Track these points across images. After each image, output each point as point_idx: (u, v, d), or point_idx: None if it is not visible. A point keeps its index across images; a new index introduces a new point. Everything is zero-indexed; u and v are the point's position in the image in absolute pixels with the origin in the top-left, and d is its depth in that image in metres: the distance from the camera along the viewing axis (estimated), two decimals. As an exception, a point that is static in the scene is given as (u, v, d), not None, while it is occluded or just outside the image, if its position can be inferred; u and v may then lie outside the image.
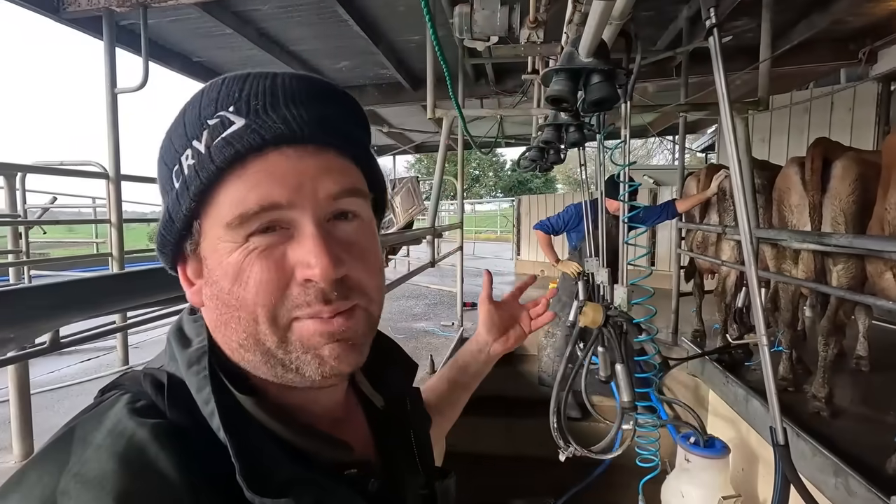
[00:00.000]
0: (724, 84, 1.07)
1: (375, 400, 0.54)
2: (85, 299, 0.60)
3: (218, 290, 0.40)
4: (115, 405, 0.38)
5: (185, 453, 0.35)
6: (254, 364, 0.41)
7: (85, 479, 0.32)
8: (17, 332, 0.57)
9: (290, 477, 0.38)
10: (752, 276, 1.00)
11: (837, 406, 2.37)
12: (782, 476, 0.96)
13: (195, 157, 0.38)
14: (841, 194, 2.10)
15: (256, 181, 0.38)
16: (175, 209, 0.40)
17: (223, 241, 0.39)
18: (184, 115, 0.41)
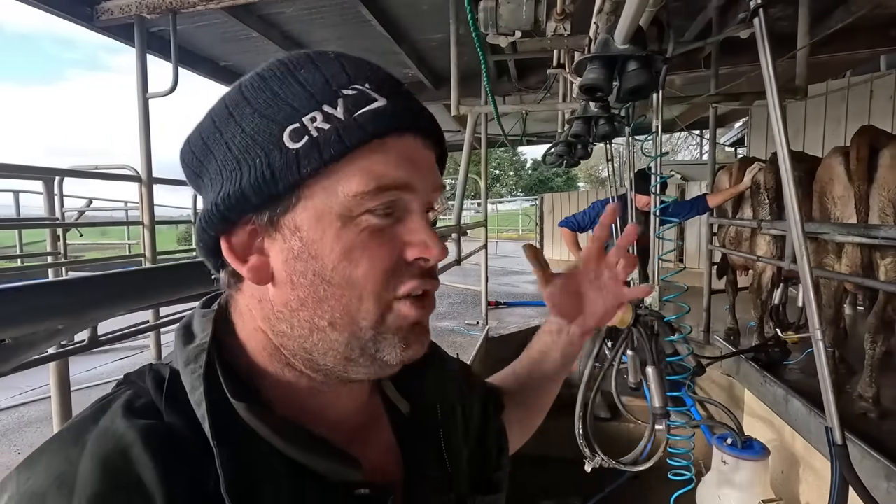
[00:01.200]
0: (772, 68, 1.02)
1: (401, 406, 0.51)
2: (133, 290, 0.60)
3: (318, 266, 0.38)
4: (116, 402, 0.37)
5: (170, 459, 0.33)
6: (332, 345, 0.39)
7: (63, 479, 0.31)
8: (67, 322, 0.56)
9: (282, 497, 0.36)
10: (805, 271, 0.95)
11: (885, 407, 2.26)
12: (840, 478, 0.90)
13: (331, 121, 0.37)
14: (890, 184, 1.99)
15: (395, 161, 0.38)
16: (289, 167, 0.36)
17: (332, 215, 0.37)
18: (293, 75, 0.39)
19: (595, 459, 2.18)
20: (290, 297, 0.39)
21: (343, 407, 0.45)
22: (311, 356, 0.40)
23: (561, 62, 2.96)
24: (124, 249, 7.75)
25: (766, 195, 2.87)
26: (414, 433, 0.50)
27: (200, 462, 0.34)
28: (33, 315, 0.50)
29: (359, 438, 0.45)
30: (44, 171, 3.44)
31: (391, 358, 0.40)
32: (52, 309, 0.53)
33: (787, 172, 0.98)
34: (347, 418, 0.45)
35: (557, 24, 2.29)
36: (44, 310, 0.52)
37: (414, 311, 0.40)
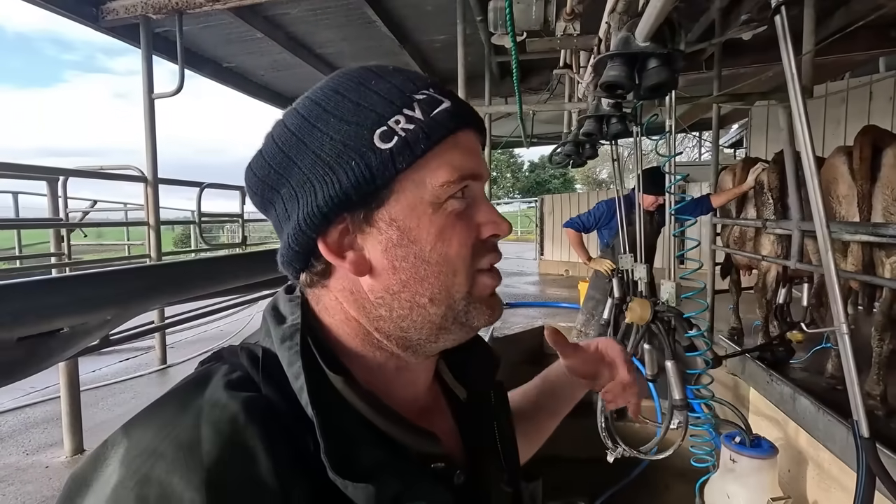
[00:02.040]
0: (795, 66, 1.04)
1: (458, 391, 0.54)
2: (177, 281, 0.60)
3: (418, 250, 0.42)
4: (214, 376, 0.40)
5: (273, 428, 0.36)
6: (430, 318, 0.44)
7: (178, 442, 0.34)
8: (117, 311, 0.57)
9: (374, 462, 0.38)
10: (829, 269, 0.96)
11: (893, 404, 2.27)
12: (866, 470, 0.91)
13: (413, 122, 0.41)
14: (893, 183, 2.01)
15: (466, 153, 0.44)
16: (381, 169, 0.41)
17: (424, 204, 0.42)
18: (367, 87, 0.43)
19: (617, 450, 2.20)
20: (392, 282, 0.43)
21: (418, 386, 0.49)
22: (407, 334, 0.44)
23: (567, 62, 2.97)
24: (123, 251, 7.74)
25: (770, 195, 2.88)
26: (471, 418, 0.53)
27: (296, 430, 0.37)
28: (89, 304, 0.51)
29: (424, 420, 0.47)
30: (48, 171, 3.43)
31: (479, 322, 0.46)
32: (105, 299, 0.53)
33: (811, 173, 0.99)
34: (417, 399, 0.49)
35: (567, 24, 2.30)
36: (97, 299, 0.52)
37: (492, 281, 0.46)
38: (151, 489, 0.31)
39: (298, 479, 0.35)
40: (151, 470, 0.32)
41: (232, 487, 0.33)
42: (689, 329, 2.11)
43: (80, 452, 2.21)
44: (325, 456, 0.35)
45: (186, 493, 0.31)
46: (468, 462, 0.50)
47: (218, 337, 4.44)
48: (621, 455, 2.22)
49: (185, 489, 0.31)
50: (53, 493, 1.92)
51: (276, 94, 5.85)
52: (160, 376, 3.41)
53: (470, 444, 0.52)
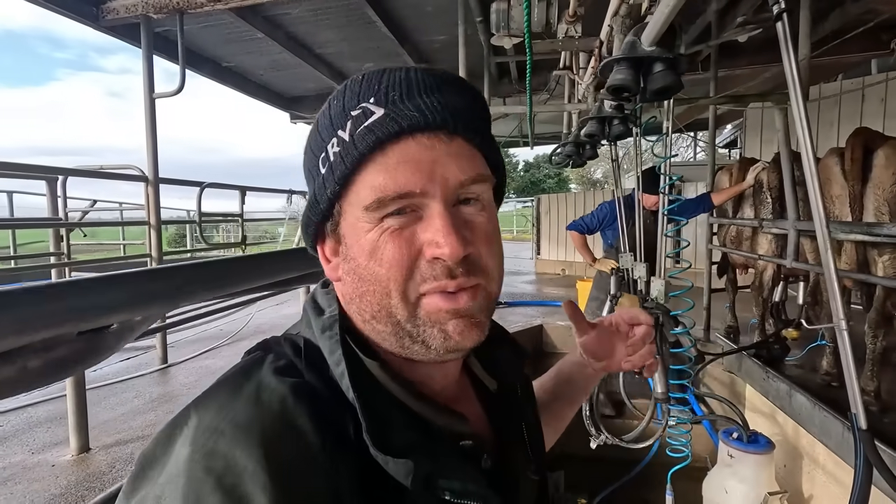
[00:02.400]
0: (796, 69, 1.07)
1: (488, 383, 0.56)
2: (210, 280, 0.63)
3: (355, 266, 0.43)
4: (263, 363, 0.43)
5: (317, 409, 0.39)
6: (383, 335, 0.44)
7: (236, 422, 0.36)
8: (163, 308, 0.59)
9: (410, 441, 0.40)
10: (829, 267, 1.00)
11: (886, 400, 2.32)
12: (864, 461, 0.95)
13: (340, 144, 0.42)
14: (885, 183, 2.06)
15: (394, 169, 0.41)
16: (320, 192, 0.44)
17: (361, 222, 0.42)
18: (329, 109, 0.45)
19: (599, 437, 2.25)
20: (346, 293, 0.46)
21: (438, 380, 0.50)
22: (378, 340, 0.45)
23: (567, 64, 3.01)
24: (119, 250, 7.69)
25: (769, 194, 2.93)
26: (501, 408, 0.55)
27: (339, 413, 0.40)
28: (137, 301, 0.53)
29: (454, 406, 0.49)
30: (47, 170, 3.42)
31: (437, 346, 0.43)
32: (153, 295, 0.55)
33: (812, 173, 1.02)
34: (444, 390, 0.50)
35: (568, 27, 2.34)
36: (147, 296, 0.54)
37: (445, 304, 0.42)
38: (217, 461, 0.34)
39: (342, 455, 0.38)
40: (216, 445, 0.35)
41: (287, 459, 0.35)
42: (675, 326, 2.16)
43: (86, 451, 2.21)
44: (367, 434, 0.38)
45: (249, 464, 0.34)
46: (496, 450, 0.51)
47: (217, 336, 4.44)
48: (604, 442, 2.29)
49: (247, 461, 0.34)
50: (62, 490, 1.93)
51: (274, 93, 5.86)
52: (161, 375, 3.41)
53: (498, 433, 0.53)
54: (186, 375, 3.39)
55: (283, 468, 0.34)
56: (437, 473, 0.40)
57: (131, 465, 1.97)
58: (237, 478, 0.33)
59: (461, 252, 0.41)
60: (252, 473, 0.33)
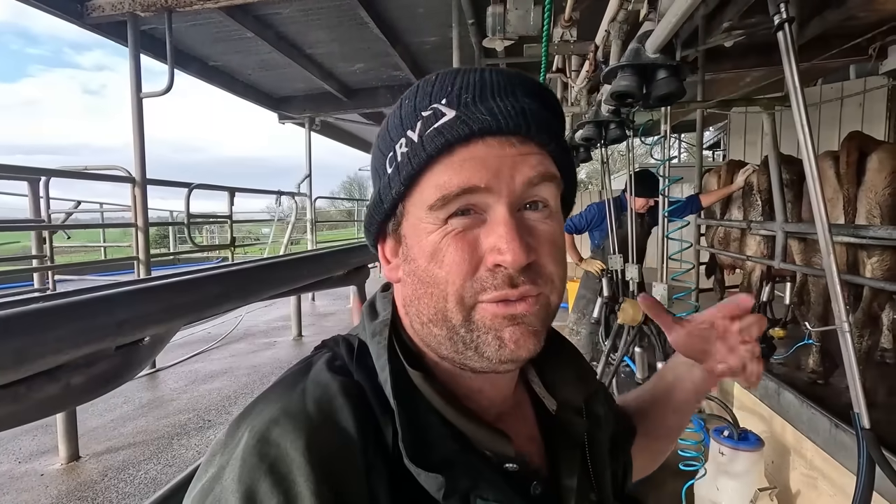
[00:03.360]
0: (798, 79, 1.10)
1: (547, 402, 0.53)
2: (245, 286, 0.62)
3: (415, 267, 0.43)
4: (319, 360, 0.45)
5: (362, 409, 0.40)
6: (440, 339, 0.43)
7: (288, 412, 0.38)
8: (190, 319, 0.59)
9: (448, 456, 0.40)
10: (831, 269, 1.03)
11: (871, 398, 2.38)
12: (867, 459, 0.98)
13: (409, 145, 0.41)
14: (877, 187, 2.12)
15: (459, 166, 0.40)
16: (385, 192, 0.44)
17: (424, 222, 0.41)
18: (400, 109, 0.45)
19: None
20: (405, 295, 0.46)
21: (487, 394, 0.48)
22: (432, 346, 0.45)
23: (560, 67, 3.03)
24: (99, 253, 7.52)
25: (759, 196, 3.00)
26: (559, 430, 0.51)
27: (381, 417, 0.41)
28: (169, 314, 0.52)
29: (503, 426, 0.47)
30: (29, 170, 3.34)
31: (491, 355, 0.41)
32: (184, 307, 0.55)
33: (814, 178, 1.05)
34: (492, 406, 0.48)
35: (564, 31, 2.36)
36: (178, 308, 0.53)
37: (502, 310, 0.40)
38: (271, 448, 0.36)
39: (379, 459, 0.39)
40: (269, 433, 0.37)
41: (326, 454, 0.37)
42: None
43: (76, 459, 2.16)
44: (402, 443, 0.38)
45: (295, 455, 0.36)
46: (551, 476, 0.49)
47: (206, 340, 4.37)
48: None
49: (294, 451, 0.36)
50: (52, 500, 1.88)
51: (262, 93, 5.78)
52: (149, 380, 3.35)
53: (556, 457, 0.50)
54: (175, 380, 3.33)
55: (323, 462, 0.36)
56: (474, 492, 0.39)
57: (124, 473, 1.93)
58: (287, 467, 0.35)
59: (524, 260, 0.39)
60: (298, 465, 0.35)
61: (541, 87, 0.46)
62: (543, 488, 0.45)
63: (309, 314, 5.94)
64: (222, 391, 3.16)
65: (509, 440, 0.44)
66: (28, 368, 0.37)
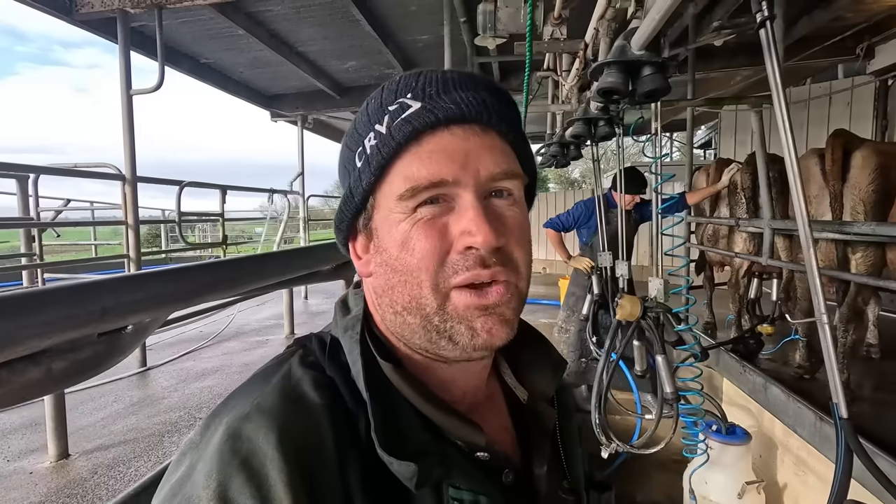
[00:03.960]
0: (779, 76, 1.12)
1: (519, 392, 0.54)
2: (224, 279, 0.63)
3: (387, 257, 0.44)
4: (293, 356, 0.46)
5: (335, 403, 0.41)
6: (413, 328, 0.44)
7: (260, 407, 0.39)
8: (173, 309, 0.59)
9: (420, 445, 0.41)
10: (811, 264, 1.05)
11: (856, 392, 2.43)
12: (845, 448, 1.00)
13: (377, 137, 0.43)
14: (861, 184, 2.15)
15: (427, 158, 0.41)
16: (356, 185, 0.45)
17: (394, 213, 0.43)
18: (367, 107, 0.47)
19: (611, 445, 2.28)
20: (377, 286, 0.46)
21: (460, 385, 0.49)
22: (405, 337, 0.46)
23: (551, 66, 3.05)
24: (90, 251, 7.46)
25: (743, 194, 3.03)
26: (530, 420, 0.53)
27: (353, 409, 0.42)
28: (161, 301, 0.53)
29: (475, 416, 0.48)
30: (18, 168, 3.31)
31: (464, 343, 0.42)
32: (170, 296, 0.55)
33: (795, 174, 1.07)
34: (465, 396, 0.50)
35: (554, 29, 2.37)
36: (164, 297, 0.54)
37: (473, 299, 0.41)
38: (243, 444, 0.37)
39: (352, 450, 0.40)
40: (241, 429, 0.38)
41: (299, 447, 0.37)
42: (676, 324, 2.21)
43: (65, 457, 2.15)
44: (375, 434, 0.39)
45: (268, 449, 0.36)
46: (523, 465, 0.50)
47: (198, 338, 4.36)
48: (615, 451, 2.30)
49: (267, 445, 0.37)
50: (41, 498, 1.87)
51: (255, 91, 5.76)
52: (140, 379, 3.33)
53: (526, 446, 0.51)
54: (167, 378, 3.32)
55: (297, 455, 0.37)
56: (447, 480, 0.40)
57: (114, 471, 1.93)
58: (260, 461, 0.36)
59: (494, 241, 0.40)
60: (272, 459, 0.36)
61: (500, 87, 0.49)
62: (515, 476, 0.47)
63: (301, 312, 5.93)
64: (214, 389, 3.16)
65: (481, 430, 0.45)
66: (10, 352, 0.38)
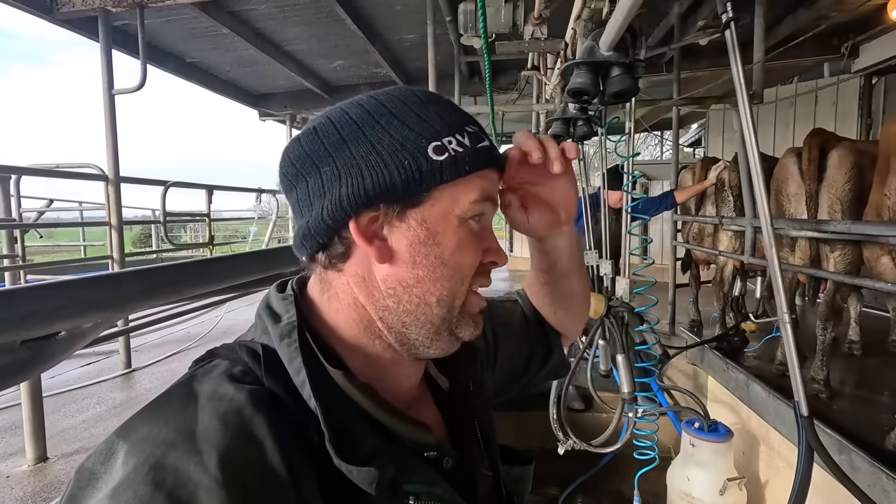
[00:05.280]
0: (742, 76, 1.12)
1: (441, 381, 0.58)
2: (167, 283, 0.62)
3: (439, 251, 0.46)
4: (214, 371, 0.42)
5: (279, 418, 0.39)
6: (432, 318, 0.47)
7: (188, 432, 0.36)
8: (108, 314, 0.59)
9: (373, 448, 0.41)
10: (773, 262, 1.05)
11: (835, 388, 2.45)
12: (806, 446, 1.01)
13: (462, 147, 0.46)
14: (837, 183, 2.17)
15: (492, 184, 0.51)
16: (434, 174, 0.45)
17: (456, 213, 0.47)
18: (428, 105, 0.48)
19: (567, 442, 2.29)
20: (408, 275, 0.46)
21: (406, 382, 0.52)
22: (407, 330, 0.47)
23: (535, 64, 3.05)
24: (79, 252, 7.40)
25: (730, 193, 3.05)
26: (453, 407, 0.57)
27: (300, 421, 0.40)
28: (89, 307, 0.53)
29: (413, 409, 0.51)
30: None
31: (465, 334, 0.50)
32: (99, 302, 0.55)
33: (756, 172, 1.08)
34: (407, 392, 0.52)
35: (535, 28, 2.38)
36: (96, 302, 0.54)
37: (479, 301, 0.51)
38: (167, 475, 0.33)
39: (305, 465, 0.38)
40: (164, 458, 0.34)
41: (245, 473, 0.35)
42: (640, 324, 2.23)
43: (43, 461, 2.14)
44: (330, 444, 0.38)
45: (204, 479, 0.33)
46: (453, 448, 0.53)
47: (184, 339, 4.33)
48: (571, 447, 2.32)
49: (202, 475, 0.33)
50: (17, 501, 1.86)
51: (241, 90, 5.73)
52: (125, 381, 3.31)
53: (453, 431, 0.55)
54: (151, 380, 3.30)
55: (240, 482, 0.34)
56: (402, 478, 0.41)
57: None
58: (189, 493, 0.32)
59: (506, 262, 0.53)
60: (207, 488, 0.33)
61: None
62: (454, 462, 0.49)
63: (291, 313, 5.91)
64: (199, 390, 3.14)
65: (429, 430, 0.48)
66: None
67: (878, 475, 1.74)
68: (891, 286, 1.80)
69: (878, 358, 2.98)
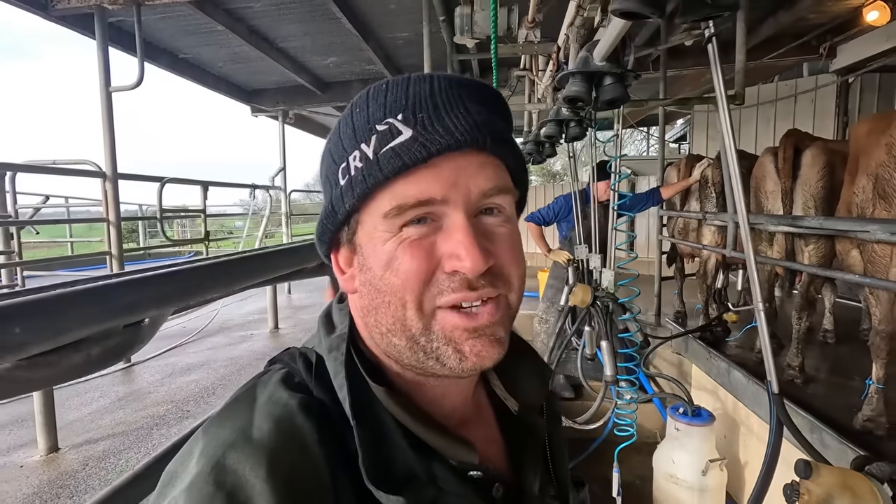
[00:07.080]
0: (722, 86, 1.24)
1: (509, 403, 0.53)
2: (230, 275, 0.72)
3: (371, 276, 0.42)
4: (274, 377, 0.43)
5: (325, 427, 0.39)
6: (400, 349, 0.42)
7: (246, 435, 0.37)
8: (184, 303, 0.68)
9: (410, 471, 0.40)
10: (749, 255, 1.17)
11: (809, 374, 2.60)
12: (776, 421, 1.13)
13: (363, 160, 0.40)
14: (810, 181, 2.31)
15: (416, 179, 0.40)
16: (338, 203, 0.43)
17: (379, 231, 0.41)
18: (352, 116, 0.43)
19: None
20: (361, 306, 0.44)
21: (451, 399, 0.48)
22: (393, 356, 0.44)
23: (527, 66, 3.15)
24: (66, 248, 7.35)
25: (714, 189, 3.18)
26: (520, 431, 0.53)
27: (344, 432, 0.40)
28: (160, 299, 0.62)
29: (464, 428, 0.48)
30: (-6, 166, 3.28)
31: (452, 364, 0.41)
32: (174, 294, 0.64)
33: (734, 172, 1.19)
34: (455, 410, 0.48)
35: (528, 32, 2.47)
36: (170, 294, 0.63)
37: (463, 322, 0.40)
38: (227, 476, 0.35)
39: (344, 476, 0.38)
40: (225, 459, 0.36)
41: (291, 476, 0.36)
42: (624, 313, 2.37)
43: (55, 451, 2.20)
44: (362, 465, 0.37)
45: (256, 481, 0.34)
46: (512, 475, 0.50)
47: (181, 333, 4.38)
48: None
49: (255, 477, 0.34)
50: (33, 490, 1.93)
51: (234, 85, 5.74)
52: (125, 374, 3.36)
53: (517, 457, 0.51)
54: (152, 373, 3.35)
55: (288, 486, 0.35)
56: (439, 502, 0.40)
57: (105, 462, 2.00)
58: (247, 494, 0.34)
59: (482, 266, 0.39)
60: (260, 491, 0.34)
61: (486, 90, 0.46)
62: (505, 490, 0.46)
63: (285, 307, 5.97)
64: (200, 383, 3.21)
65: (473, 448, 0.44)
66: (58, 340, 0.46)
67: (846, 451, 1.89)
68: (860, 277, 1.94)
69: (851, 346, 3.15)
